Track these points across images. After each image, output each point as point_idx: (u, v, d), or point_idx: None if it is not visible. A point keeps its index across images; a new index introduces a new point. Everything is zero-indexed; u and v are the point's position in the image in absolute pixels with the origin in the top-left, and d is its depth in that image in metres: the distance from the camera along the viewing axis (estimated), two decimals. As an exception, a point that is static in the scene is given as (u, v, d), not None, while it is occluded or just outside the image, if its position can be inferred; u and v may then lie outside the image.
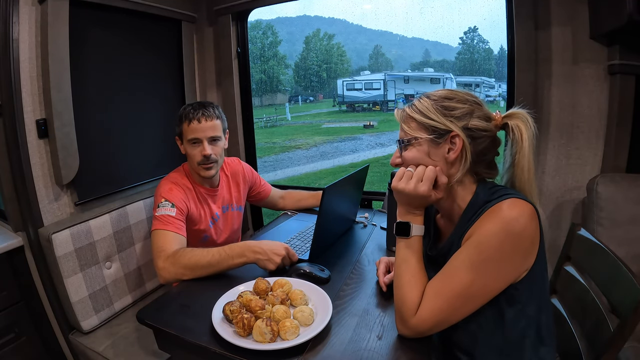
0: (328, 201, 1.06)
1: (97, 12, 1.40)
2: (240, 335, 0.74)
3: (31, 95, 1.25)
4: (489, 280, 0.67)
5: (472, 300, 0.68)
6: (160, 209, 1.15)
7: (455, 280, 0.68)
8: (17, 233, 1.26)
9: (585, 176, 1.40)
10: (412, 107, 0.77)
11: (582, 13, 1.32)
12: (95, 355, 1.21)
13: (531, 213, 0.66)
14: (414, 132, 0.75)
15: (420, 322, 0.70)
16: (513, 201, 0.67)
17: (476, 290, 0.67)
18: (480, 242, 0.67)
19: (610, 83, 1.34)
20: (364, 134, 9.95)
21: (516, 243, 0.65)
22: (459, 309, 0.68)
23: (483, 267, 0.66)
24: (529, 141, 0.72)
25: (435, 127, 0.73)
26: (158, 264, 1.05)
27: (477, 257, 0.67)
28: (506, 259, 0.66)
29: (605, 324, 0.81)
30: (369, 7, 8.99)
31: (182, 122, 1.25)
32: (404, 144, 0.77)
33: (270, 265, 1.00)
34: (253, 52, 1.63)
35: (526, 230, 0.65)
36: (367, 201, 1.73)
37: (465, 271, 0.67)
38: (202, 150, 1.22)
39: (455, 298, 0.68)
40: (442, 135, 0.73)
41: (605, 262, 0.88)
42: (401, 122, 0.78)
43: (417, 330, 0.71)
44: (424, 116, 0.74)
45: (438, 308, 0.69)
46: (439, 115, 0.73)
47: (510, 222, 0.65)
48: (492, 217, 0.67)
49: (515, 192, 0.72)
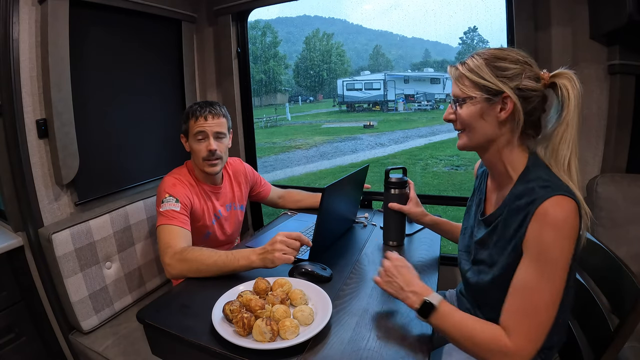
0: (328, 201, 1.06)
1: (97, 12, 1.40)
2: (240, 335, 0.74)
3: (31, 95, 1.25)
4: (560, 281, 0.68)
5: (554, 305, 0.68)
6: (165, 204, 1.16)
7: (536, 296, 0.67)
8: (17, 233, 1.26)
9: (585, 176, 1.40)
10: (465, 65, 0.78)
11: (582, 13, 1.32)
12: (95, 355, 1.21)
13: (575, 210, 0.67)
14: (469, 91, 0.77)
15: (519, 345, 0.67)
16: (557, 201, 0.67)
17: (557, 294, 0.68)
18: (544, 255, 0.67)
19: (610, 83, 1.34)
20: (364, 134, 9.95)
21: (571, 242, 0.67)
22: (550, 317, 0.68)
23: (553, 271, 0.67)
24: (575, 100, 0.72)
25: (489, 87, 0.75)
26: (165, 260, 1.05)
27: (544, 266, 0.67)
28: (567, 258, 0.68)
29: (605, 324, 0.81)
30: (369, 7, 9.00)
31: (188, 119, 1.27)
32: (459, 102, 0.79)
33: (277, 255, 0.95)
34: (253, 52, 1.62)
35: (575, 228, 0.67)
36: (367, 201, 1.73)
37: (540, 283, 0.67)
38: (208, 145, 1.23)
39: (544, 311, 0.67)
40: (495, 95, 0.75)
41: (605, 262, 0.88)
42: (454, 80, 0.80)
43: (522, 353, 0.67)
44: (477, 75, 0.76)
45: (534, 328, 0.67)
46: (492, 75, 0.75)
47: (563, 224, 0.66)
48: (544, 225, 0.67)
49: (558, 180, 0.72)
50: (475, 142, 0.80)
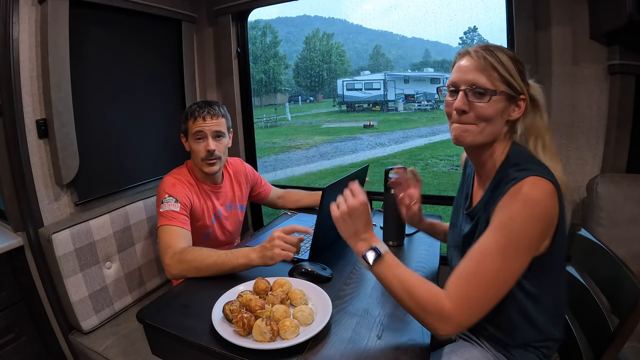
0: (328, 201, 1.05)
1: (97, 12, 1.40)
2: (240, 335, 0.74)
3: (31, 95, 1.25)
4: (516, 262, 0.66)
5: (506, 284, 0.67)
6: (164, 204, 1.16)
7: (485, 265, 0.66)
8: (17, 233, 1.26)
9: (585, 176, 1.40)
10: (494, 56, 0.73)
11: (582, 13, 1.32)
12: (95, 355, 1.21)
13: (551, 192, 0.67)
14: (499, 85, 0.73)
15: (454, 312, 0.65)
16: (535, 181, 0.66)
17: (510, 274, 0.66)
18: (505, 226, 0.66)
19: (610, 83, 1.34)
20: (364, 134, 9.95)
21: (539, 224, 0.66)
22: (493, 295, 0.66)
23: (510, 250, 0.66)
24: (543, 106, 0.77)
25: (514, 86, 0.73)
26: (165, 260, 1.06)
27: (504, 241, 0.66)
28: (532, 239, 0.66)
29: (605, 324, 0.81)
30: (369, 7, 9.00)
31: (187, 119, 1.27)
32: (485, 93, 0.72)
33: (277, 251, 0.95)
34: (253, 52, 1.63)
35: (547, 210, 0.66)
36: (367, 201, 1.73)
37: (495, 256, 0.66)
38: (207, 145, 1.24)
39: (488, 286, 0.66)
40: (517, 94, 0.74)
41: (605, 262, 0.88)
42: (481, 69, 0.73)
43: (456, 319, 0.65)
44: (506, 71, 0.73)
45: (473, 295, 0.66)
46: (518, 74, 0.74)
47: (533, 204, 0.65)
48: (515, 199, 0.66)
49: (539, 164, 0.72)
50: (485, 138, 0.76)
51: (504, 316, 0.75)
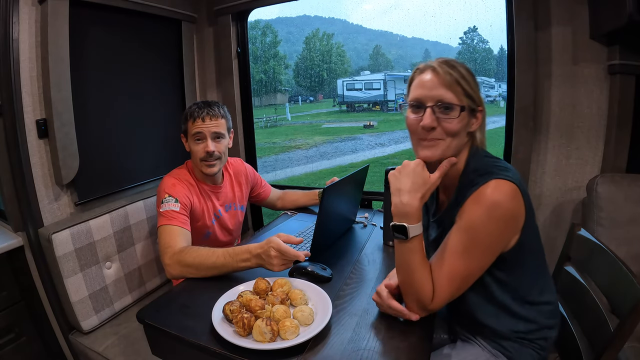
0: (328, 201, 1.06)
1: (97, 12, 1.40)
2: (240, 335, 0.74)
3: (31, 95, 1.25)
4: (481, 260, 0.73)
5: (471, 278, 0.74)
6: (164, 204, 1.16)
7: (454, 264, 0.72)
8: (17, 233, 1.26)
9: (585, 176, 1.40)
10: (456, 71, 0.74)
11: (582, 13, 1.32)
12: (95, 355, 1.21)
13: (513, 193, 0.70)
14: (461, 100, 0.73)
15: (437, 304, 0.74)
16: (497, 184, 0.70)
17: (472, 270, 0.73)
18: (469, 227, 0.71)
19: (610, 83, 1.34)
20: (364, 134, 9.95)
21: (502, 225, 0.71)
22: (462, 287, 0.74)
23: (474, 250, 0.71)
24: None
25: (474, 98, 0.75)
26: (165, 260, 1.06)
27: (468, 242, 0.71)
28: (494, 240, 0.71)
29: (605, 324, 0.81)
30: (369, 7, 9.00)
31: (187, 120, 1.27)
32: (450, 108, 0.73)
33: (276, 269, 0.95)
34: (253, 52, 1.62)
35: (510, 211, 0.70)
36: (367, 201, 1.73)
37: (459, 256, 0.72)
38: (206, 146, 1.24)
39: (458, 280, 0.73)
40: (476, 107, 0.76)
41: (605, 262, 0.88)
42: (448, 85, 0.73)
43: (430, 308, 0.75)
44: (468, 85, 0.74)
45: (447, 292, 0.73)
46: (476, 87, 0.75)
47: (494, 207, 0.69)
48: (478, 202, 0.71)
49: (501, 166, 0.75)
50: (453, 152, 0.77)
51: (486, 310, 0.80)
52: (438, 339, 0.97)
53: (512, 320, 0.80)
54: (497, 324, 0.80)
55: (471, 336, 0.87)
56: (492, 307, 0.80)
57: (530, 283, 0.79)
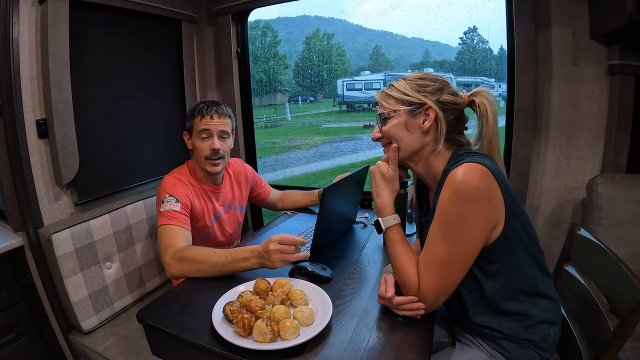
0: (328, 201, 1.05)
1: (97, 12, 1.40)
2: (240, 335, 0.74)
3: (31, 95, 1.25)
4: (461, 245, 0.73)
5: (455, 265, 0.75)
6: (165, 204, 1.16)
7: (434, 252, 0.75)
8: (17, 233, 1.26)
9: (585, 176, 1.40)
10: (391, 87, 0.86)
11: (582, 13, 1.32)
12: (95, 355, 1.21)
13: (481, 172, 0.71)
14: (393, 106, 0.85)
15: (423, 296, 0.77)
16: (465, 165, 0.72)
17: (455, 256, 0.74)
18: (442, 212, 0.74)
19: (610, 83, 1.34)
20: (364, 134, 9.93)
21: (473, 206, 0.71)
22: (447, 276, 0.75)
23: (449, 234, 0.73)
24: (493, 115, 0.81)
25: (412, 102, 0.83)
26: (165, 259, 1.06)
27: (443, 226, 0.74)
28: (469, 222, 0.72)
29: (605, 324, 0.81)
30: (369, 7, 8.97)
31: (194, 116, 1.27)
32: (384, 117, 0.86)
33: (277, 264, 0.95)
34: (253, 52, 1.62)
35: (477, 190, 0.71)
36: (367, 201, 1.73)
37: (439, 242, 0.75)
38: (212, 144, 1.24)
39: (439, 267, 0.75)
40: (417, 108, 0.82)
41: (605, 262, 0.88)
42: (381, 100, 0.87)
43: (426, 304, 0.77)
44: (400, 93, 0.84)
45: (432, 280, 0.76)
46: (414, 91, 0.83)
47: (460, 186, 0.71)
48: (447, 185, 0.73)
49: (477, 155, 0.77)
50: (405, 153, 0.86)
51: (479, 307, 0.81)
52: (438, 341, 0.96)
53: (506, 317, 0.79)
54: (491, 322, 0.80)
55: (470, 337, 0.87)
56: (484, 304, 0.80)
57: (522, 275, 0.79)
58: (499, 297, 0.79)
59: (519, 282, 0.79)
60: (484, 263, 0.77)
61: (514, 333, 0.80)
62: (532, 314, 0.79)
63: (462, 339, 0.89)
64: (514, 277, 0.78)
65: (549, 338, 0.81)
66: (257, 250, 0.97)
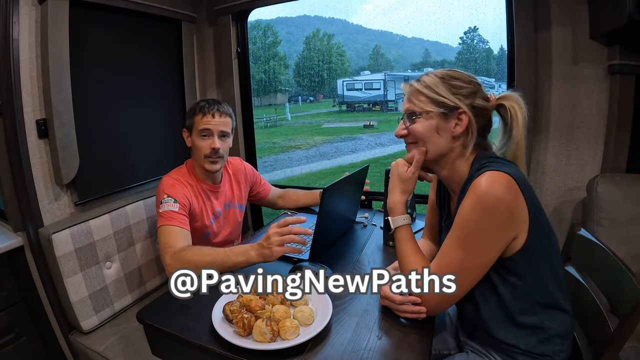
0: (328, 201, 1.05)
1: (97, 12, 1.40)
2: (240, 335, 0.74)
3: (31, 95, 1.25)
4: (476, 255, 0.72)
5: (467, 274, 0.73)
6: (163, 205, 1.16)
7: (448, 258, 0.74)
8: (17, 233, 1.26)
9: (585, 176, 1.40)
10: (421, 82, 0.81)
11: (582, 13, 1.32)
12: (95, 355, 1.21)
13: (506, 183, 0.69)
14: (425, 106, 0.80)
15: (427, 299, 0.75)
16: (489, 174, 0.70)
17: (468, 265, 0.72)
18: (462, 220, 0.72)
19: (610, 83, 1.34)
20: (364, 134, 9.93)
21: (493, 215, 0.69)
22: (461, 285, 0.73)
23: (467, 243, 0.71)
24: (523, 120, 0.78)
25: (445, 103, 0.78)
26: (165, 260, 1.06)
27: (461, 234, 0.72)
28: (488, 233, 0.70)
29: (605, 324, 0.81)
30: (369, 7, 8.99)
31: (195, 114, 1.27)
32: (414, 116, 0.81)
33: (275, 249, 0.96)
34: (253, 52, 1.62)
35: (500, 200, 0.68)
36: (367, 201, 1.73)
37: (454, 249, 0.73)
38: (212, 143, 1.24)
39: (446, 271, 0.73)
40: (451, 111, 0.78)
41: (605, 262, 0.88)
42: (409, 96, 0.82)
43: (428, 308, 0.76)
44: (433, 92, 0.79)
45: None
46: (449, 93, 0.78)
47: (483, 196, 0.69)
48: (470, 194, 0.71)
49: (501, 162, 0.75)
50: (433, 153, 0.82)
51: (498, 320, 0.77)
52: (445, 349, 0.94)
53: (521, 330, 0.76)
54: (508, 337, 0.77)
55: (483, 350, 0.83)
56: (501, 315, 0.77)
57: (542, 286, 0.76)
58: (516, 309, 0.75)
59: (539, 294, 0.75)
60: (505, 273, 0.74)
61: (531, 348, 0.76)
62: (547, 326, 0.76)
63: (474, 350, 0.85)
64: (534, 289, 0.75)
65: (562, 354, 0.77)
66: (257, 242, 0.99)
